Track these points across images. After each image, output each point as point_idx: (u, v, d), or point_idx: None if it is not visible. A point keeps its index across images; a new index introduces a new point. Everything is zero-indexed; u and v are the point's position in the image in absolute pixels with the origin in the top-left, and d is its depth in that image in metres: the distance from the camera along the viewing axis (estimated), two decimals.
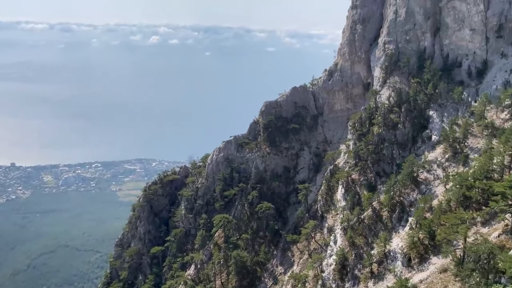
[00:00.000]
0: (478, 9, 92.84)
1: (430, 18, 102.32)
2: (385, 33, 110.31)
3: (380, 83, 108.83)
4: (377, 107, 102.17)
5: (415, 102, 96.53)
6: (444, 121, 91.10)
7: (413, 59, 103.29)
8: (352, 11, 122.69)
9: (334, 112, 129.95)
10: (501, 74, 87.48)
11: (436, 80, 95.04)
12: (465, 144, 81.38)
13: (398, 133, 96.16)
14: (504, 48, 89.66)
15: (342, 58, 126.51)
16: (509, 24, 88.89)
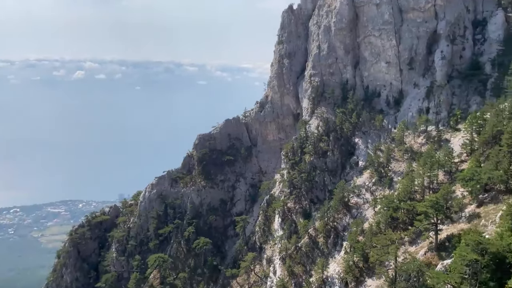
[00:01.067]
0: (391, 44, 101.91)
1: (350, 52, 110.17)
2: (310, 66, 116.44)
3: (308, 114, 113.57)
4: (307, 136, 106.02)
5: (342, 131, 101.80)
6: (368, 147, 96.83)
7: (337, 90, 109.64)
8: (278, 46, 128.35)
9: (267, 142, 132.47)
10: (415, 102, 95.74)
11: (359, 109, 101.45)
12: (389, 168, 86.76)
13: (328, 161, 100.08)
14: (416, 79, 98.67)
15: (272, 91, 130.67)
16: (419, 57, 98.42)
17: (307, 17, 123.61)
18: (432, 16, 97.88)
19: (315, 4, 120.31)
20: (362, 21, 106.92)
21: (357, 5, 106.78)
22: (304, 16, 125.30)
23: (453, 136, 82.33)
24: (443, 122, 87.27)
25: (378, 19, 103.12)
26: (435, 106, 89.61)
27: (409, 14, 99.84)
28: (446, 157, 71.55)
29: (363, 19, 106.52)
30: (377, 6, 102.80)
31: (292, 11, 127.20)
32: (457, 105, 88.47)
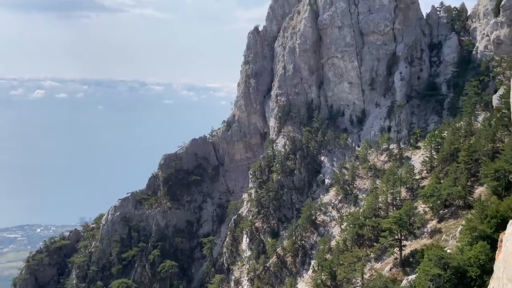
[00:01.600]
0: (353, 65, 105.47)
1: (315, 73, 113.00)
2: (277, 86, 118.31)
3: (275, 132, 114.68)
4: (274, 155, 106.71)
5: (308, 149, 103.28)
6: (334, 165, 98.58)
7: (302, 109, 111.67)
8: (245, 66, 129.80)
9: (234, 161, 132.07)
10: (377, 121, 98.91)
11: (324, 128, 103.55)
12: (354, 186, 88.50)
13: (295, 179, 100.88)
14: (377, 98, 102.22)
15: (239, 110, 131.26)
16: (379, 78, 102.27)
17: (273, 38, 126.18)
18: (391, 39, 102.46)
19: (280, 26, 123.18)
20: (326, 43, 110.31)
21: (320, 28, 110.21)
22: (269, 37, 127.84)
23: (413, 153, 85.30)
24: (404, 140, 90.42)
25: (340, 41, 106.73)
26: (396, 125, 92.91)
27: (370, 37, 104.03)
28: (408, 174, 73.93)
29: (326, 41, 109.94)
30: (339, 29, 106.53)
31: (257, 33, 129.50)
32: (417, 124, 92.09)
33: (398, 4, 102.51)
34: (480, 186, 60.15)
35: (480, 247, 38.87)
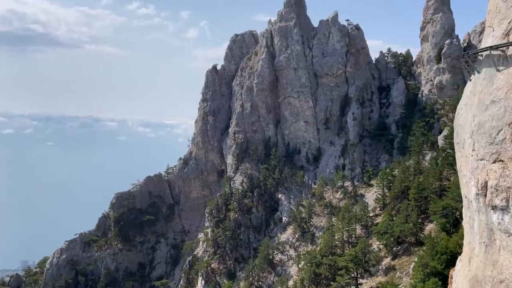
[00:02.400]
0: (308, 105, 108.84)
1: (272, 111, 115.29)
2: (234, 124, 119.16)
3: (233, 170, 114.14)
4: (232, 193, 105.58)
5: (266, 186, 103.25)
6: (291, 202, 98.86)
7: (260, 147, 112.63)
8: (203, 104, 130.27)
9: (190, 200, 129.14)
10: (332, 159, 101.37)
11: (281, 166, 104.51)
12: (311, 223, 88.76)
13: (252, 217, 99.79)
14: (331, 137, 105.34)
15: (196, 147, 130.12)
16: (333, 118, 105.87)
17: (231, 77, 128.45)
18: (344, 81, 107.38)
19: (238, 66, 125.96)
20: (282, 83, 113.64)
21: (277, 69, 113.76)
22: (227, 76, 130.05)
23: (367, 191, 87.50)
24: (357, 178, 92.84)
25: (296, 82, 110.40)
26: (350, 163, 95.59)
27: (324, 78, 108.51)
28: (362, 212, 75.32)
29: (283, 81, 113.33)
30: (295, 71, 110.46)
31: (216, 71, 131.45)
32: (369, 162, 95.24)
33: (349, 49, 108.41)
34: (430, 223, 62.15)
35: (432, 284, 39.51)
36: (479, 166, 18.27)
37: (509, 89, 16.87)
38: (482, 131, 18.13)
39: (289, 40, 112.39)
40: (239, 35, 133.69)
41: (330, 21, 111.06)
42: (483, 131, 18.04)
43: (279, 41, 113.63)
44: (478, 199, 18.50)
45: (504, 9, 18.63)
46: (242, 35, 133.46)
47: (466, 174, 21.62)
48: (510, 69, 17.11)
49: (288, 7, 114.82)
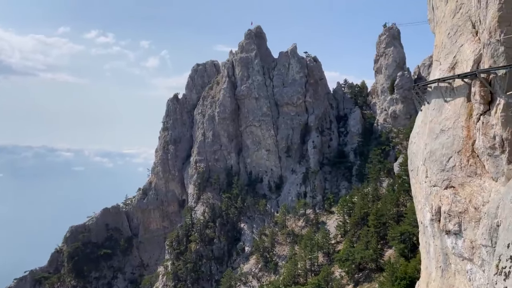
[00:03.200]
0: (270, 133, 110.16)
1: (234, 140, 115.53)
2: (196, 152, 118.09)
3: (194, 200, 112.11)
4: (193, 223, 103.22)
5: (228, 216, 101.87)
6: (254, 232, 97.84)
7: (222, 176, 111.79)
8: (164, 133, 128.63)
9: (150, 232, 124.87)
10: (294, 187, 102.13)
11: (243, 194, 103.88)
12: (274, 252, 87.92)
13: (214, 248, 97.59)
14: (293, 165, 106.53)
15: (156, 177, 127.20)
16: (294, 146, 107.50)
17: (192, 106, 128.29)
18: (304, 111, 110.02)
19: (200, 95, 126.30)
20: (244, 112, 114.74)
21: (238, 98, 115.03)
22: (189, 105, 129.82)
23: (328, 218, 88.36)
24: (319, 205, 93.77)
25: (257, 111, 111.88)
26: (311, 190, 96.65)
27: (284, 108, 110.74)
28: (324, 239, 75.64)
29: (244, 111, 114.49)
30: (256, 100, 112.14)
31: (177, 100, 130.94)
32: (330, 189, 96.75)
33: (308, 80, 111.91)
34: (390, 249, 63.32)
35: None
36: (432, 192, 18.97)
37: (456, 119, 17.86)
38: (434, 159, 18.96)
39: (250, 70, 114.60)
40: (200, 65, 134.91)
41: (290, 52, 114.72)
42: (435, 158, 18.86)
43: (240, 71, 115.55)
44: (433, 225, 19.10)
45: (449, 45, 19.98)
46: (203, 65, 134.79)
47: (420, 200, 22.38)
48: (457, 100, 18.18)
49: (249, 39, 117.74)
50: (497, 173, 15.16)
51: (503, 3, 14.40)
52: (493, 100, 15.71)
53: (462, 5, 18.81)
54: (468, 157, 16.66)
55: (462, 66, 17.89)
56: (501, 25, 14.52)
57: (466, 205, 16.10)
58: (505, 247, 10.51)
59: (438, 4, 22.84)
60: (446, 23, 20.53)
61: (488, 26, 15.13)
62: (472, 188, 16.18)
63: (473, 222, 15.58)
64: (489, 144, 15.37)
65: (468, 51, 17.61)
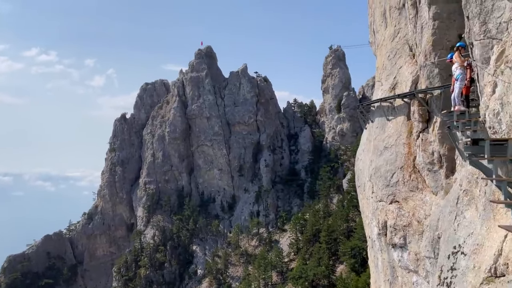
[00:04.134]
0: (222, 153, 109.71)
1: (185, 160, 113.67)
2: (145, 174, 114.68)
3: (144, 223, 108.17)
4: (142, 248, 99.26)
5: (179, 239, 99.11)
6: (206, 254, 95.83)
7: (173, 197, 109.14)
8: (111, 154, 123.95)
9: (96, 258, 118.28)
10: (247, 206, 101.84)
11: (195, 216, 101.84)
12: (227, 274, 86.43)
13: (165, 273, 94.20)
14: (246, 184, 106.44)
15: (103, 200, 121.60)
16: (246, 165, 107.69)
17: (141, 126, 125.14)
18: (255, 129, 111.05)
19: (149, 114, 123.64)
20: (195, 132, 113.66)
21: (189, 117, 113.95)
22: (137, 125, 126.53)
23: (281, 236, 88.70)
24: (272, 224, 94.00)
25: (209, 130, 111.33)
26: (264, 209, 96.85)
27: (236, 127, 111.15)
28: (277, 258, 75.67)
29: (196, 130, 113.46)
30: (208, 119, 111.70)
31: (125, 120, 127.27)
32: (282, 207, 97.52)
33: (259, 99, 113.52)
34: (341, 264, 64.54)
35: None
36: (378, 207, 19.61)
37: (398, 136, 18.75)
38: (379, 175, 19.68)
39: (201, 89, 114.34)
40: (149, 84, 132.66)
41: (240, 72, 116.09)
42: (380, 174, 19.59)
43: (191, 91, 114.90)
44: (380, 239, 19.68)
45: (390, 67, 21.12)
46: (153, 84, 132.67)
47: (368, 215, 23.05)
48: (398, 118, 19.13)
49: (199, 58, 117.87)
50: (436, 187, 15.99)
51: (436, 28, 15.51)
52: (430, 118, 16.70)
53: (400, 30, 20.05)
54: (410, 173, 17.47)
55: (402, 87, 18.93)
56: (435, 49, 15.59)
57: (410, 219, 16.78)
58: (446, 258, 10.98)
59: (379, 29, 24.21)
60: (386, 46, 21.75)
61: (423, 49, 16.19)
62: (415, 202, 16.93)
63: (417, 235, 16.24)
64: (428, 160, 16.23)
65: (407, 73, 18.70)
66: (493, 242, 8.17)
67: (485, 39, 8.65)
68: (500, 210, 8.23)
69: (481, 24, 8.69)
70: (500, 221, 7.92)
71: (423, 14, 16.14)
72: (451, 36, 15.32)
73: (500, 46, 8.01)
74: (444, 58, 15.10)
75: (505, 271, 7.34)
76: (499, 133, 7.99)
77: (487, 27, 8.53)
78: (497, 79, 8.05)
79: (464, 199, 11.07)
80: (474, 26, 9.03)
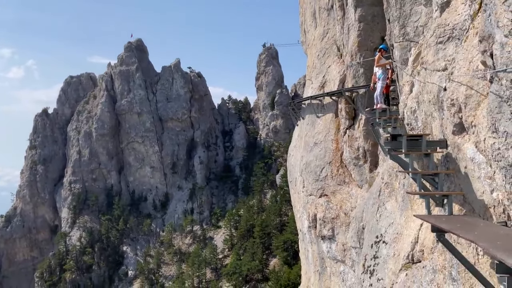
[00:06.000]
0: (154, 150, 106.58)
1: (114, 157, 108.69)
2: (70, 172, 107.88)
3: (69, 224, 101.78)
4: (68, 251, 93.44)
5: (108, 240, 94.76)
6: (138, 254, 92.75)
7: (101, 196, 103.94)
8: (31, 151, 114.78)
9: (15, 264, 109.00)
10: (180, 204, 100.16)
11: (126, 215, 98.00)
12: (160, 274, 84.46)
13: (93, 275, 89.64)
14: (179, 181, 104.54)
15: (22, 201, 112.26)
16: (180, 162, 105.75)
17: (65, 122, 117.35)
18: (189, 126, 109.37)
19: (74, 110, 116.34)
20: (125, 128, 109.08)
21: (118, 113, 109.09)
22: (61, 121, 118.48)
23: (216, 233, 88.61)
24: (206, 221, 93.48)
25: (140, 126, 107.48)
26: (198, 206, 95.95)
27: (169, 123, 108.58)
28: (212, 255, 75.51)
29: (126, 126, 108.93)
30: (139, 115, 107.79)
31: (47, 115, 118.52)
32: (217, 204, 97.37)
33: (193, 95, 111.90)
34: (274, 258, 66.07)
35: None
36: (309, 201, 20.30)
37: (327, 133, 19.52)
38: (309, 170, 20.35)
39: (131, 84, 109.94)
40: (74, 77, 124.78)
41: (173, 67, 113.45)
42: (310, 169, 20.26)
43: (120, 85, 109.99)
44: (310, 231, 20.39)
45: (319, 66, 21.88)
46: (78, 77, 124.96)
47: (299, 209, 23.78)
48: (327, 115, 19.91)
49: (129, 51, 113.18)
50: (361, 180, 16.90)
51: (361, 30, 16.33)
52: (356, 116, 17.59)
53: (329, 30, 20.84)
54: (338, 167, 18.28)
55: (330, 85, 19.73)
56: (360, 49, 16.42)
57: (337, 211, 17.57)
58: (369, 247, 11.65)
59: (309, 28, 24.98)
60: (316, 45, 22.52)
61: (350, 50, 16.98)
62: (342, 195, 17.76)
63: (344, 226, 17.06)
64: (354, 155, 17.09)
65: (335, 72, 19.51)
66: (410, 231, 8.80)
67: (403, 41, 9.25)
68: (416, 201, 8.89)
69: (400, 27, 9.28)
70: (416, 211, 8.55)
71: (350, 16, 16.91)
72: (375, 38, 16.23)
73: (417, 49, 8.61)
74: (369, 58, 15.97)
75: (421, 257, 7.95)
76: (415, 129, 8.61)
77: (406, 30, 9.13)
78: (414, 79, 8.65)
79: (385, 191, 11.81)
80: (394, 29, 9.62)
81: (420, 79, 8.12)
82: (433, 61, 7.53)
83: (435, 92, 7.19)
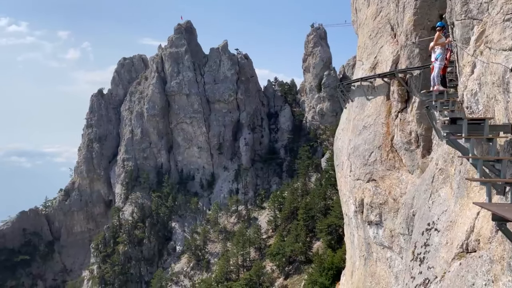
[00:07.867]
0: (201, 131, 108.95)
1: (164, 137, 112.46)
2: (123, 151, 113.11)
3: (122, 200, 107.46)
4: (121, 225, 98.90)
5: (158, 216, 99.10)
6: (185, 231, 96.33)
7: (152, 174, 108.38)
8: (87, 130, 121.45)
9: (73, 235, 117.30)
10: (226, 184, 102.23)
11: (174, 193, 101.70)
12: (206, 250, 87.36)
13: (144, 249, 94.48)
14: (225, 162, 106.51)
15: (80, 177, 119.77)
16: (226, 143, 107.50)
17: (119, 102, 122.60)
18: (235, 108, 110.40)
19: (127, 90, 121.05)
20: (174, 109, 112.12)
21: (168, 94, 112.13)
22: (115, 101, 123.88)
23: (260, 214, 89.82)
24: (250, 202, 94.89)
25: (188, 108, 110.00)
26: (243, 187, 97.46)
27: (216, 105, 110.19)
28: (256, 235, 76.79)
29: (175, 107, 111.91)
30: (187, 97, 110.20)
31: (102, 96, 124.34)
32: (261, 185, 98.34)
33: (239, 77, 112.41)
34: (318, 241, 66.02)
35: None
36: (356, 185, 19.94)
37: (377, 116, 18.93)
38: (357, 154, 19.92)
39: (181, 66, 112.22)
40: (127, 59, 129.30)
41: (221, 49, 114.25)
42: (358, 153, 19.83)
43: (170, 67, 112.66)
44: (357, 216, 20.10)
45: (371, 46, 21.10)
46: (130, 59, 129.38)
47: (345, 193, 23.46)
48: (378, 98, 19.26)
49: (179, 34, 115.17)
50: (412, 166, 16.32)
51: (418, 8, 15.49)
52: (409, 98, 16.88)
53: (382, 9, 19.95)
54: (388, 152, 17.74)
55: (382, 66, 19.00)
56: (416, 29, 15.61)
57: (386, 197, 17.15)
58: (420, 234, 11.31)
59: (361, 7, 24.06)
60: (368, 25, 21.68)
61: (405, 29, 16.20)
62: (391, 180, 17.27)
63: (392, 212, 16.65)
64: (405, 140, 16.49)
65: (388, 52, 18.74)
66: (466, 219, 8.43)
67: (466, 19, 8.68)
68: (474, 188, 8.46)
69: (462, 3, 8.69)
70: (473, 199, 8.15)
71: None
72: (433, 16, 15.35)
73: (481, 27, 8.05)
74: (425, 38, 15.16)
75: (476, 246, 7.61)
76: (476, 113, 8.13)
77: (468, 7, 8.55)
78: (476, 60, 8.13)
79: (439, 177, 11.34)
80: (455, 6, 9.03)
81: (483, 59, 7.62)
82: (499, 40, 7.02)
83: (500, 73, 6.73)
